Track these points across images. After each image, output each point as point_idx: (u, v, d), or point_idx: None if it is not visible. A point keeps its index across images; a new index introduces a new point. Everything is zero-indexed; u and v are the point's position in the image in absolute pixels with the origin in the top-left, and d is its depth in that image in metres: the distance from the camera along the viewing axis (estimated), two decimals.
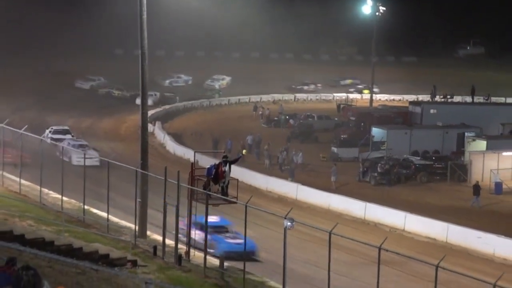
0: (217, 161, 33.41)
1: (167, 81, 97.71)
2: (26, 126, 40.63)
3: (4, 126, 42.45)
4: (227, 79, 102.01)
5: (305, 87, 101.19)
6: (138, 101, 73.15)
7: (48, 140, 50.25)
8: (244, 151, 32.64)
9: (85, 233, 31.92)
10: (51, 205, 36.65)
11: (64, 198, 36.47)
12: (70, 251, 26.88)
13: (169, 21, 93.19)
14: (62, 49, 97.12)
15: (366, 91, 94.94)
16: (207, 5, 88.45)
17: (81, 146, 52.35)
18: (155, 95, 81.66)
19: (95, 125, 69.96)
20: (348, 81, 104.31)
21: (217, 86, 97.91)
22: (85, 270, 23.13)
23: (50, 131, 57.11)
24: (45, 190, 37.71)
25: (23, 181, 39.05)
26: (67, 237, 29.96)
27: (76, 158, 45.74)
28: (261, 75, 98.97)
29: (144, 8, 34.18)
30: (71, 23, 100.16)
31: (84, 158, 38.57)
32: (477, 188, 48.68)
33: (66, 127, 59.94)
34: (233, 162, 31.95)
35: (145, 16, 34.40)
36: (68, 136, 56.54)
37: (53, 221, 33.19)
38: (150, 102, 74.28)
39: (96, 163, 45.24)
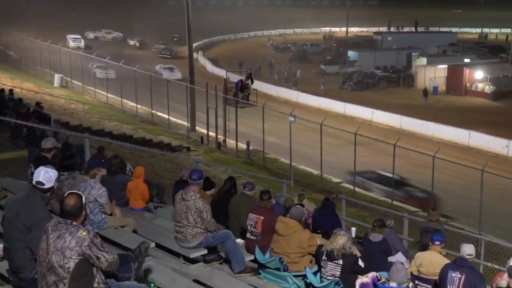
0: (241, 77, 32.96)
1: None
2: (108, 56, 40.08)
3: (94, 56, 42.14)
4: (114, 34, 77.07)
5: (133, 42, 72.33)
6: None
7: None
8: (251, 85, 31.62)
9: (154, 129, 31.72)
10: (129, 110, 36.35)
11: (138, 106, 36.14)
12: (144, 142, 26.73)
13: None
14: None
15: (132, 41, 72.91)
16: None
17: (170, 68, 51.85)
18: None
19: None
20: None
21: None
22: (155, 154, 23.00)
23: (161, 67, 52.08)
24: (125, 100, 37.33)
25: (109, 95, 38.72)
26: (141, 132, 29.80)
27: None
28: (268, 16, 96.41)
29: None
30: None
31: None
32: (425, 91, 47.83)
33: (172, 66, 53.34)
34: (251, 77, 32.10)
35: None
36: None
37: (131, 121, 33.02)
38: None
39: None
